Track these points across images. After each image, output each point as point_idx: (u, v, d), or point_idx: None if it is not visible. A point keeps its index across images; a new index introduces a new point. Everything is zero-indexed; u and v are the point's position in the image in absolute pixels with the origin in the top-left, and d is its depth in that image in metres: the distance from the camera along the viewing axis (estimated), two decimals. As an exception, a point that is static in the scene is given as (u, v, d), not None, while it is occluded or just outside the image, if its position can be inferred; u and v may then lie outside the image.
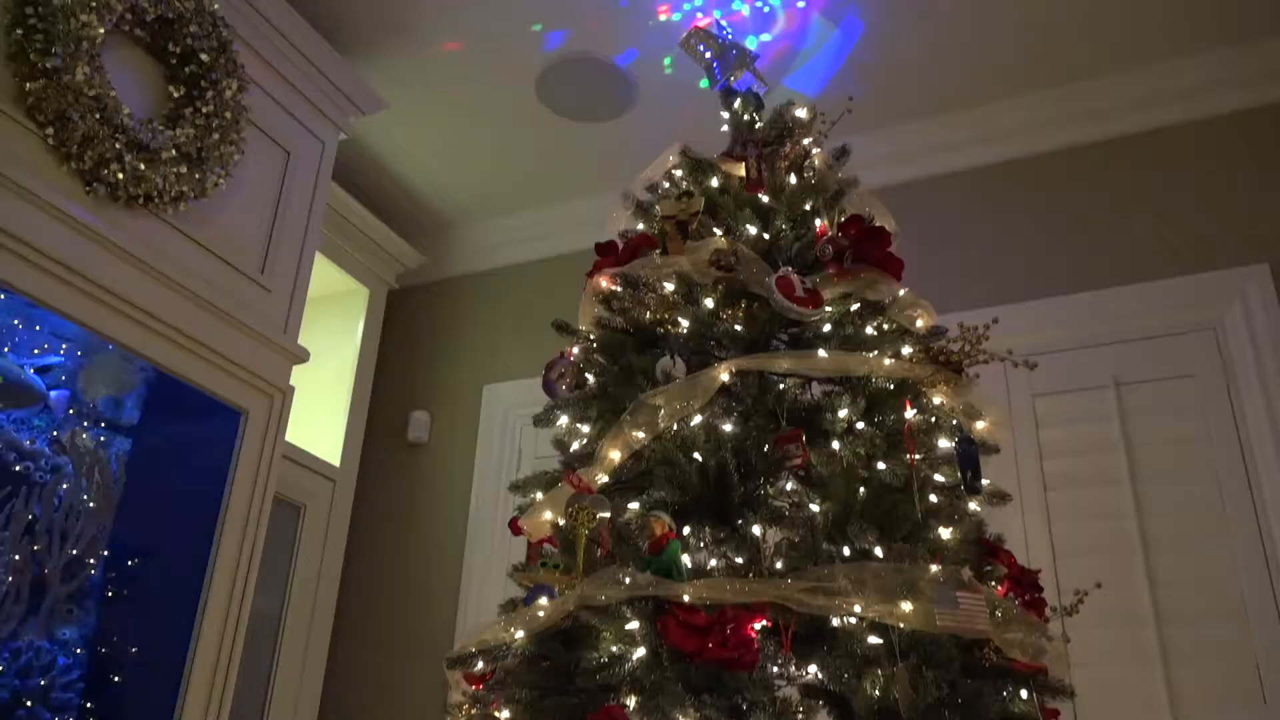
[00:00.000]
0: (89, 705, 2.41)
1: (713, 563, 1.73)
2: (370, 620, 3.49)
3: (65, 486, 2.42)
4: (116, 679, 2.48)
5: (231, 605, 2.46)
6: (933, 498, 1.82)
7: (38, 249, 2.10)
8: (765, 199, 2.13)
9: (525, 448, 3.55)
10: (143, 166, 2.27)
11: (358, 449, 3.61)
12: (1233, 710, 2.42)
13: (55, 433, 2.48)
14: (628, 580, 1.59)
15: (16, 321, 2.42)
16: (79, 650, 2.42)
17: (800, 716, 1.54)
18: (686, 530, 1.73)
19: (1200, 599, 2.54)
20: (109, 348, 2.35)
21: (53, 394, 2.48)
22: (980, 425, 1.93)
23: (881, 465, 1.77)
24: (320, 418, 3.55)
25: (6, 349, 2.42)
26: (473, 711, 1.77)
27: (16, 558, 2.32)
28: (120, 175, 2.23)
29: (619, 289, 1.99)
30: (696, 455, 1.80)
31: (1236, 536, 2.56)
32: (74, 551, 2.43)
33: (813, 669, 1.59)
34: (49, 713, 2.25)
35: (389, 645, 3.43)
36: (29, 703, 2.23)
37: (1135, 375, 2.80)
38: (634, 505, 1.78)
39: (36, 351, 2.50)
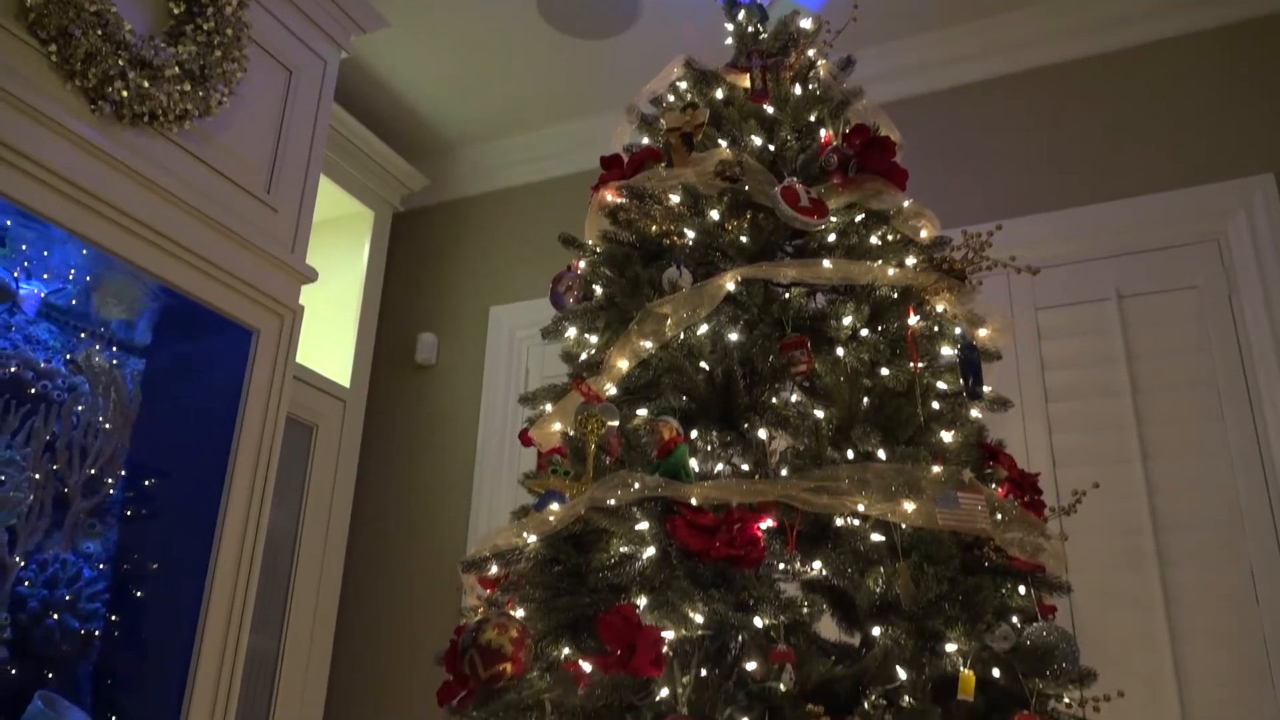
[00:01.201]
0: (114, 618, 2.49)
1: (719, 467, 1.77)
2: (384, 535, 3.57)
3: (82, 406, 2.46)
4: (139, 593, 2.55)
5: (249, 522, 2.51)
6: (935, 404, 1.85)
7: (45, 166, 2.11)
8: (770, 110, 2.13)
9: (532, 368, 3.59)
10: (146, 84, 2.26)
11: (367, 371, 3.66)
12: (1226, 612, 2.48)
13: (69, 354, 2.52)
14: (636, 484, 1.63)
15: (24, 246, 2.44)
16: (102, 565, 2.49)
17: (805, 610, 1.60)
18: (694, 434, 1.77)
19: (1197, 506, 2.59)
20: (119, 268, 2.37)
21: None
22: (983, 332, 1.96)
23: (885, 371, 1.80)
24: (329, 340, 3.59)
25: (17, 271, 2.44)
26: (488, 611, 1.82)
27: (37, 476, 2.37)
28: (124, 93, 2.23)
29: (625, 202, 2.00)
30: (703, 364, 1.83)
31: (1234, 444, 2.60)
32: (92, 471, 2.48)
33: (817, 565, 1.64)
34: (77, 621, 2.32)
35: (403, 559, 3.51)
36: (56, 613, 2.30)
37: (1138, 288, 2.81)
38: (642, 412, 1.82)
39: (46, 276, 2.52)
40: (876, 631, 1.59)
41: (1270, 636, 2.42)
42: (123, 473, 2.57)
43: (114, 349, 2.62)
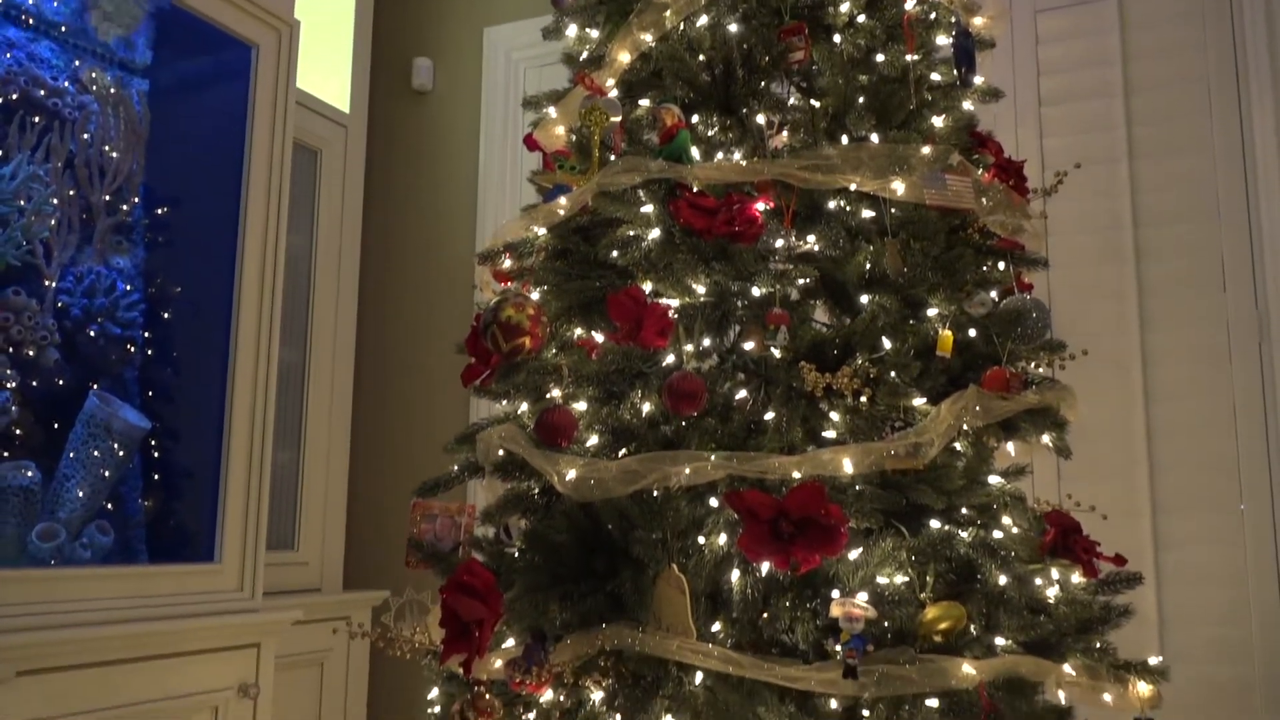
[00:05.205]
0: (148, 334, 2.63)
1: (719, 155, 1.85)
2: (394, 253, 3.68)
3: (94, 125, 2.50)
4: (168, 314, 2.67)
5: (268, 243, 2.61)
6: (928, 95, 1.91)
7: None
8: None
9: (529, 90, 3.58)
10: None
11: (365, 97, 3.65)
12: (1195, 299, 2.64)
13: (73, 77, 2.52)
14: (641, 167, 1.72)
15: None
16: (131, 284, 2.60)
17: (800, 283, 1.73)
18: (695, 119, 1.83)
19: (1178, 201, 2.68)
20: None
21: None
22: (978, 20, 1.99)
23: (880, 58, 1.84)
24: (327, 68, 3.56)
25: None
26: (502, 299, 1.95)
27: (56, 202, 2.45)
28: None
29: (621, -108, 1.97)
30: (702, 56, 1.87)
31: (1219, 141, 2.66)
32: (108, 197, 2.54)
33: (810, 239, 1.75)
34: (118, 328, 2.47)
35: (413, 274, 3.63)
36: (97, 321, 2.45)
37: (1140, -16, 2.79)
38: (645, 103, 1.88)
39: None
40: (865, 300, 1.73)
41: (1233, 320, 2.58)
42: (137, 199, 2.64)
43: (116, 69, 2.62)
